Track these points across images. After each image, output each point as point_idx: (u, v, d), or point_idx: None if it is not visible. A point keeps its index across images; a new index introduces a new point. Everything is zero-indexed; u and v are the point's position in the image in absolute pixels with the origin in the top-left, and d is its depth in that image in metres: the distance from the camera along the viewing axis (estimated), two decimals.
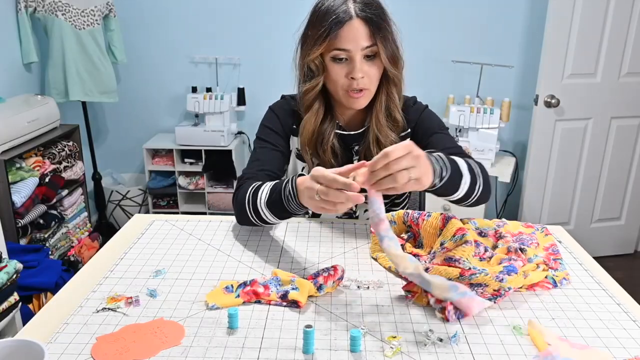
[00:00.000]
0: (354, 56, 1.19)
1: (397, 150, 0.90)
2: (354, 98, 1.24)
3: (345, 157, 1.35)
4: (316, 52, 1.21)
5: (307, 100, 1.29)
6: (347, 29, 1.17)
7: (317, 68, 1.24)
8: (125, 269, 1.08)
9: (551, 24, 2.62)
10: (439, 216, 1.12)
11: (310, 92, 1.27)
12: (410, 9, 3.01)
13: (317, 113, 1.30)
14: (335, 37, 1.18)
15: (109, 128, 3.41)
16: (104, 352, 0.81)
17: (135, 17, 3.14)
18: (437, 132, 1.33)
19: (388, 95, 1.29)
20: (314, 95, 1.28)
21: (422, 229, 1.14)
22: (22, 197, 2.27)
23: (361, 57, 1.20)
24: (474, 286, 0.96)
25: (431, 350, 0.83)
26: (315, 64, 1.24)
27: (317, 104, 1.29)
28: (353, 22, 1.17)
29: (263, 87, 3.22)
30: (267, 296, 0.96)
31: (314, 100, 1.29)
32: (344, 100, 1.26)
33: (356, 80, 1.20)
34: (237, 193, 1.25)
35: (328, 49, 1.20)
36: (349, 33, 1.17)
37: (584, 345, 0.85)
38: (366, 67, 1.21)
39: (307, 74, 1.27)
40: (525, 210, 2.95)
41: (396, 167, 0.90)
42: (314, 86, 1.26)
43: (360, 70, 1.19)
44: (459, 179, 1.10)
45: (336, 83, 1.23)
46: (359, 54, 1.19)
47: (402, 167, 0.90)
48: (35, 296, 2.13)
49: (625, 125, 2.89)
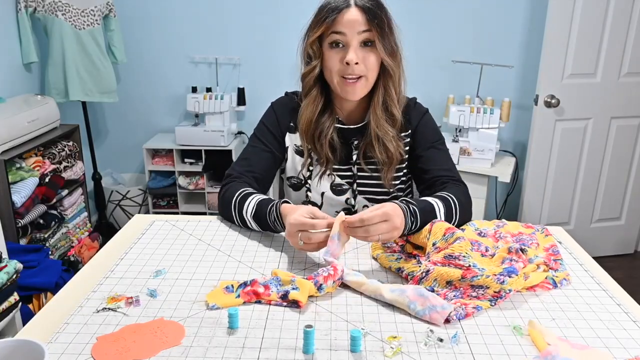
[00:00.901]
0: (350, 41, 1.23)
1: (375, 217, 1.03)
2: (350, 86, 1.26)
3: (344, 152, 1.36)
4: (314, 36, 1.26)
5: (305, 85, 1.33)
6: (344, 15, 1.23)
7: (315, 53, 1.28)
8: (126, 269, 1.08)
9: (551, 24, 2.62)
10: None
11: (308, 76, 1.31)
12: (410, 9, 3.01)
13: (315, 100, 1.33)
14: (332, 22, 1.23)
15: (109, 128, 3.41)
16: (104, 352, 0.81)
17: (135, 17, 3.14)
18: (433, 147, 1.37)
19: (386, 90, 1.31)
20: (312, 80, 1.31)
21: (412, 238, 1.15)
22: (22, 197, 2.27)
23: (357, 43, 1.23)
24: (475, 288, 0.96)
25: (431, 351, 0.83)
26: (313, 49, 1.28)
27: (315, 90, 1.33)
28: (351, 9, 1.23)
29: (263, 87, 3.21)
30: (267, 296, 0.96)
31: (312, 86, 1.32)
32: (340, 90, 1.28)
33: (351, 66, 1.23)
34: (224, 191, 1.32)
35: (326, 32, 1.25)
36: (345, 18, 1.23)
37: (584, 345, 0.85)
38: (362, 54, 1.24)
39: (306, 60, 1.32)
40: (525, 210, 2.95)
41: (373, 231, 1.04)
42: (311, 69, 1.30)
43: (354, 54, 1.23)
44: (430, 221, 1.14)
45: (332, 69, 1.27)
46: (355, 39, 1.23)
47: (378, 232, 1.04)
48: (35, 296, 2.13)
49: (625, 125, 2.89)
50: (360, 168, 1.37)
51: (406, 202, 1.14)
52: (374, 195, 1.38)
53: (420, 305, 0.91)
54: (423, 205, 1.16)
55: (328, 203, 1.40)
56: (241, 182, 1.32)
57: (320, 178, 1.38)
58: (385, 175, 1.34)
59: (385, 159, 1.33)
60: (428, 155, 1.36)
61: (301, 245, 1.08)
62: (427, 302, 0.91)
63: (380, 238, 1.05)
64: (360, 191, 1.38)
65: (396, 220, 1.05)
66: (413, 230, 1.14)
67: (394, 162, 1.33)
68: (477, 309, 0.93)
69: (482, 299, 0.95)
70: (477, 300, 0.94)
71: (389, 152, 1.32)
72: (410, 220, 1.11)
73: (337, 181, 1.38)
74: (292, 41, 1.33)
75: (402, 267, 1.06)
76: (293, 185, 1.43)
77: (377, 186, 1.38)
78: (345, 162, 1.38)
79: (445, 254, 1.02)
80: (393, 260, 1.09)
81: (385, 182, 1.35)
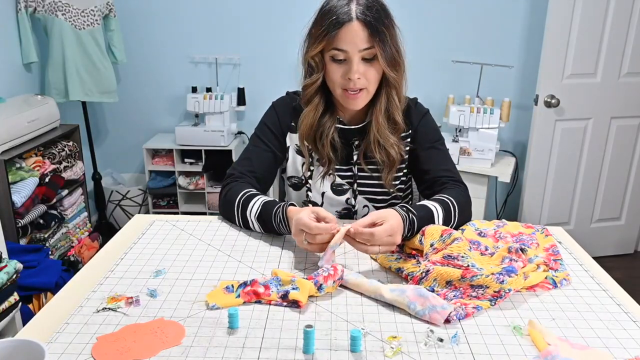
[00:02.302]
0: (352, 57, 1.21)
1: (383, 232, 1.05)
2: (351, 98, 1.26)
3: (345, 152, 1.36)
4: (315, 50, 1.24)
5: (307, 95, 1.32)
6: (345, 30, 1.19)
7: (317, 65, 1.27)
8: (126, 269, 1.08)
9: (551, 24, 2.62)
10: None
11: (309, 87, 1.30)
12: (411, 9, 3.01)
13: (316, 107, 1.33)
14: (334, 37, 1.20)
15: (109, 128, 3.41)
16: (104, 352, 0.81)
17: (135, 17, 3.14)
18: (433, 147, 1.37)
19: (388, 98, 1.30)
20: (313, 90, 1.31)
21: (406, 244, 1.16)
22: (22, 197, 2.27)
23: (359, 59, 1.21)
24: (475, 288, 0.96)
25: (431, 351, 0.83)
26: (315, 61, 1.26)
27: (316, 99, 1.32)
28: (352, 24, 1.18)
29: (263, 87, 3.21)
30: (267, 296, 0.96)
31: (313, 95, 1.32)
32: (342, 100, 1.28)
33: (352, 81, 1.22)
34: (226, 191, 1.32)
35: (327, 47, 1.23)
36: (347, 34, 1.19)
37: (584, 345, 0.85)
38: (363, 69, 1.22)
39: (308, 70, 1.30)
40: (525, 210, 2.95)
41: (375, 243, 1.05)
42: (313, 82, 1.29)
43: (357, 71, 1.21)
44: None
45: (334, 82, 1.26)
46: (357, 56, 1.21)
47: (379, 244, 1.05)
48: (35, 296, 2.13)
49: (625, 125, 2.89)
50: (361, 168, 1.37)
51: (406, 209, 1.15)
52: (374, 195, 1.38)
53: (420, 305, 0.91)
54: (422, 213, 1.17)
55: (328, 203, 1.40)
56: (243, 183, 1.32)
57: (322, 178, 1.38)
58: (385, 176, 1.35)
59: (386, 161, 1.33)
60: (428, 156, 1.36)
61: (306, 245, 1.09)
62: (427, 302, 0.91)
63: (380, 250, 1.07)
64: (361, 191, 1.38)
65: (397, 237, 1.08)
66: (409, 237, 1.15)
67: (395, 164, 1.34)
68: (477, 309, 0.93)
69: (482, 299, 0.95)
70: (477, 300, 0.94)
71: (390, 156, 1.32)
72: (408, 229, 1.13)
73: (337, 181, 1.38)
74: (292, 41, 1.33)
75: (401, 267, 1.06)
76: (293, 185, 1.43)
77: (378, 186, 1.38)
78: (345, 162, 1.38)
79: (444, 254, 1.02)
80: (393, 260, 1.09)
81: (386, 182, 1.35)
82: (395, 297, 0.94)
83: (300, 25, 1.31)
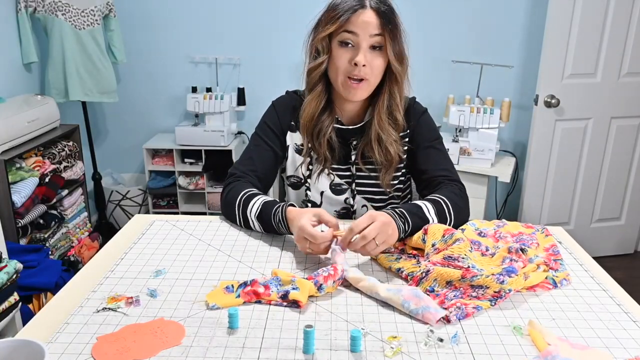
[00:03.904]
0: (361, 42, 1.23)
1: (372, 230, 1.05)
2: (352, 88, 1.26)
3: (342, 152, 1.36)
4: (326, 32, 1.25)
5: (311, 80, 1.32)
6: (358, 15, 1.22)
7: (324, 48, 1.28)
8: (126, 269, 1.08)
9: (551, 24, 2.62)
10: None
11: (314, 71, 1.31)
12: (411, 8, 2.99)
13: (319, 96, 1.33)
14: (346, 21, 1.23)
15: (109, 128, 3.41)
16: (104, 352, 0.81)
17: (135, 17, 3.14)
18: (431, 146, 1.37)
19: (390, 94, 1.31)
20: (317, 76, 1.31)
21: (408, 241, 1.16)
22: (22, 197, 2.27)
23: (367, 46, 1.23)
24: (475, 288, 0.96)
25: (431, 351, 0.83)
26: (322, 45, 1.28)
27: (320, 86, 1.33)
28: (366, 11, 1.22)
29: (263, 87, 3.21)
30: (267, 296, 0.96)
31: (317, 82, 1.32)
32: (343, 90, 1.28)
33: (358, 67, 1.23)
34: (228, 190, 1.32)
35: (337, 30, 1.24)
36: (359, 19, 1.22)
37: (584, 345, 0.85)
38: (370, 57, 1.24)
39: (314, 55, 1.31)
40: (525, 210, 2.95)
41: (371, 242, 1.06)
42: (318, 65, 1.29)
43: (363, 56, 1.22)
44: (424, 224, 1.16)
45: (338, 68, 1.26)
46: (366, 41, 1.23)
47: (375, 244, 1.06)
48: (35, 296, 2.13)
49: (625, 125, 2.89)
50: (359, 168, 1.37)
51: (391, 208, 1.17)
52: (373, 195, 1.39)
53: (415, 304, 0.91)
54: (408, 206, 1.18)
55: (327, 202, 1.40)
56: (245, 182, 1.32)
57: (318, 176, 1.38)
58: (382, 177, 1.35)
59: (384, 161, 1.33)
60: (426, 155, 1.36)
61: (308, 250, 1.10)
62: (421, 302, 0.91)
63: (379, 247, 1.07)
64: (359, 191, 1.38)
65: (391, 230, 1.09)
66: (408, 232, 1.15)
67: (393, 164, 1.34)
68: (477, 309, 0.93)
69: (482, 299, 0.95)
70: (477, 300, 0.94)
71: (389, 154, 1.32)
72: (402, 221, 1.13)
73: (336, 181, 1.38)
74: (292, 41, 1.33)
75: (402, 267, 1.06)
76: (293, 184, 1.43)
77: (376, 186, 1.38)
78: (344, 162, 1.38)
79: (445, 255, 1.02)
80: (393, 261, 1.09)
81: (383, 183, 1.35)
82: (391, 295, 0.94)
83: (301, 26, 1.31)
